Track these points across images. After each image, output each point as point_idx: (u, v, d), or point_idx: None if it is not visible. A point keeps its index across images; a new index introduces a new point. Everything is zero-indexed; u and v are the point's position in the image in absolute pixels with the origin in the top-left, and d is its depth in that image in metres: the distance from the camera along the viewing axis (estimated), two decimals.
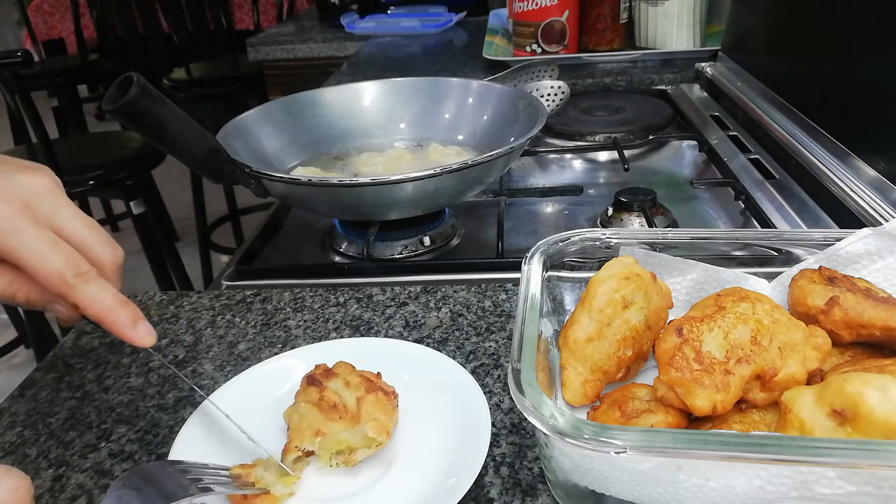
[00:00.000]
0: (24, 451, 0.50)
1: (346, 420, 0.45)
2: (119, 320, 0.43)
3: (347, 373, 0.47)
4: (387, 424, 0.45)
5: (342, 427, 0.44)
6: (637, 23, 1.43)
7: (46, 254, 0.42)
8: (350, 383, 0.46)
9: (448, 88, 0.92)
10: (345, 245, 0.78)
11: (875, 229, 0.49)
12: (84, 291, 0.42)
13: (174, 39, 2.74)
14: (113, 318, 0.43)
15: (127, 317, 0.43)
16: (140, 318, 0.44)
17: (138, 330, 0.44)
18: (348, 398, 0.45)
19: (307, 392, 0.46)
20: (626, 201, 0.77)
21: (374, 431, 0.44)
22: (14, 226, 0.42)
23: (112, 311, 0.43)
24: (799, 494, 0.33)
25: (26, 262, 0.42)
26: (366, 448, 0.44)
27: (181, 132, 0.61)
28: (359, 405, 0.45)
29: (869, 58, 0.74)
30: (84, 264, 0.43)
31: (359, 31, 1.94)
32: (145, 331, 0.44)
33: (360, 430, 0.44)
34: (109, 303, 0.43)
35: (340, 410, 0.45)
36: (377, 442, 0.44)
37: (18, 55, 1.56)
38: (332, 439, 0.44)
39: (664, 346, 0.41)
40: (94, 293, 0.43)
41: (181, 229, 2.83)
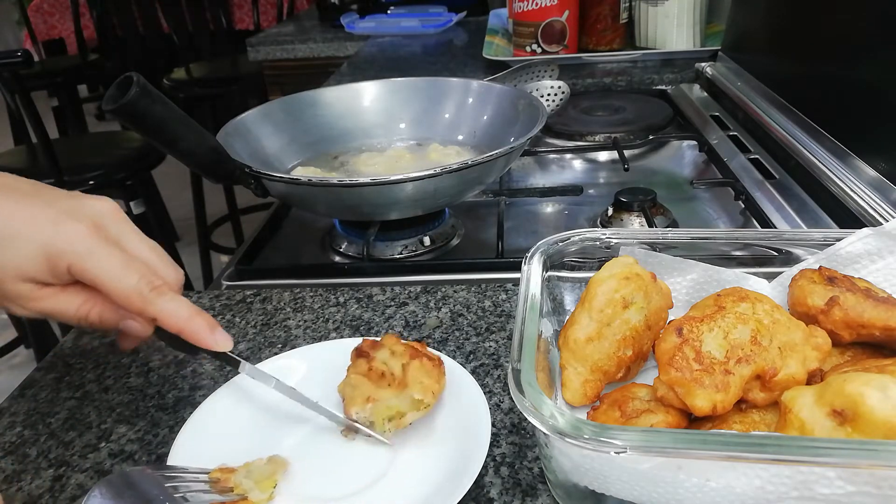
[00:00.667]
0: (24, 451, 0.50)
1: (395, 387, 0.46)
2: (198, 329, 0.45)
3: (393, 343, 0.49)
4: (432, 386, 0.46)
5: (391, 394, 0.46)
6: (637, 23, 1.43)
7: (121, 271, 0.44)
8: (395, 352, 0.48)
9: (448, 88, 0.92)
10: (345, 245, 0.78)
11: (875, 229, 0.49)
12: (161, 305, 0.44)
13: (174, 39, 2.74)
14: (192, 328, 0.45)
15: (205, 325, 0.45)
16: (216, 325, 0.46)
17: (217, 337, 0.46)
18: (395, 366, 0.47)
19: (357, 364, 0.48)
20: (626, 201, 0.77)
21: (420, 393, 0.45)
22: (88, 245, 0.44)
23: (190, 322, 0.45)
24: (799, 494, 0.33)
25: (102, 280, 0.43)
26: (415, 411, 0.46)
27: (181, 132, 0.61)
28: (405, 371, 0.46)
29: (869, 58, 0.74)
30: (157, 279, 0.45)
31: (359, 31, 1.94)
32: (223, 337, 0.46)
33: (407, 394, 0.46)
34: (186, 314, 0.45)
35: (388, 378, 0.47)
36: (425, 404, 0.45)
37: (18, 55, 1.56)
38: (383, 405, 0.46)
39: (664, 346, 0.41)
40: (171, 306, 0.45)
41: (181, 229, 2.82)
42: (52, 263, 0.43)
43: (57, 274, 0.44)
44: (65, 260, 0.43)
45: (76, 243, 0.43)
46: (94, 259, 0.43)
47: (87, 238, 0.44)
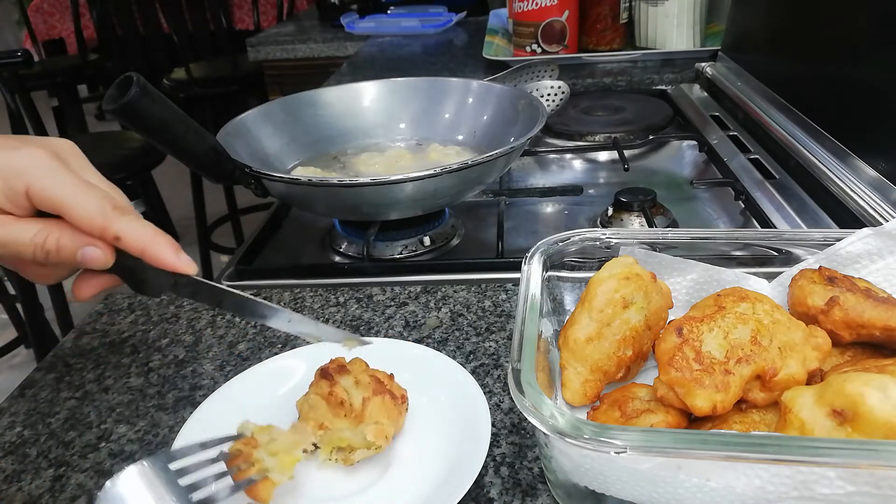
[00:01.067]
0: (24, 451, 0.50)
1: (350, 419, 0.45)
2: (162, 248, 0.43)
3: (360, 371, 0.47)
4: (387, 429, 0.45)
5: (345, 425, 0.45)
6: (637, 23, 1.43)
7: (82, 192, 0.42)
8: (360, 382, 0.46)
9: (448, 88, 0.92)
10: (345, 245, 0.78)
11: (875, 229, 0.49)
12: (125, 222, 0.43)
13: (174, 39, 2.74)
14: (156, 247, 0.43)
15: (169, 245, 0.44)
16: (179, 247, 0.44)
17: (181, 258, 0.44)
18: (355, 397, 0.45)
19: (319, 384, 0.47)
20: (626, 201, 0.77)
21: (372, 435, 0.44)
22: (48, 166, 0.42)
23: (154, 240, 0.43)
24: (799, 494, 0.33)
25: (62, 199, 0.42)
26: (364, 449, 0.44)
27: (181, 132, 0.61)
28: (364, 405, 0.45)
29: (869, 58, 0.74)
30: (120, 200, 0.44)
31: (359, 31, 1.94)
32: (187, 259, 0.44)
33: (361, 430, 0.44)
34: (150, 232, 0.43)
35: (346, 408, 0.45)
36: (375, 445, 0.44)
37: (18, 55, 1.56)
38: (335, 435, 0.44)
39: (664, 346, 0.41)
40: (135, 224, 0.43)
41: (181, 229, 2.82)
42: (10, 185, 0.42)
43: (13, 198, 0.42)
44: (23, 180, 0.42)
45: (36, 165, 0.42)
46: (54, 178, 0.42)
47: (47, 160, 0.43)
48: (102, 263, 0.44)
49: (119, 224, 0.43)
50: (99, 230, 0.43)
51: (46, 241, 0.43)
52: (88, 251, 0.43)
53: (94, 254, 0.43)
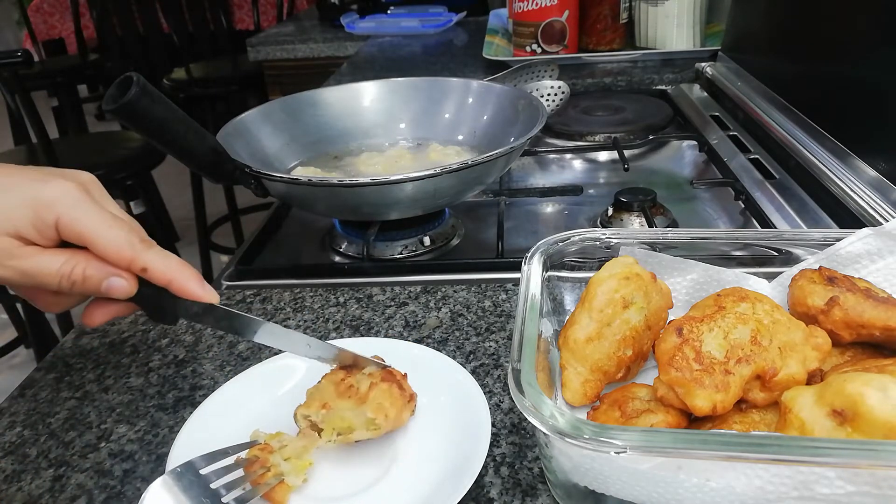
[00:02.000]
0: (24, 451, 0.50)
1: (354, 400, 0.46)
2: (188, 279, 0.45)
3: (375, 367, 0.49)
4: (387, 410, 0.45)
5: (348, 406, 0.45)
6: (637, 23, 1.43)
7: (110, 224, 0.44)
8: (373, 374, 0.47)
9: (448, 88, 0.92)
10: (345, 245, 0.78)
11: (875, 229, 0.49)
12: (152, 254, 0.45)
13: (174, 39, 2.74)
14: (182, 279, 0.45)
15: (194, 276, 0.46)
16: (202, 278, 0.46)
17: (206, 288, 0.46)
18: (363, 383, 0.47)
19: (335, 373, 0.48)
20: (626, 201, 0.77)
21: (372, 412, 0.44)
22: (77, 198, 0.44)
23: (180, 272, 0.45)
24: (799, 494, 0.33)
25: (91, 231, 0.44)
26: (364, 430, 0.45)
27: (181, 132, 0.61)
28: (369, 390, 0.46)
29: (869, 58, 0.74)
30: (144, 234, 0.46)
31: (359, 31, 1.94)
32: (211, 289, 0.47)
33: (362, 410, 0.45)
34: (175, 264, 0.45)
35: (352, 392, 0.46)
36: (375, 424, 0.44)
37: (18, 55, 1.56)
38: (336, 414, 0.45)
39: (664, 346, 0.41)
40: (161, 256, 0.45)
41: (181, 229, 2.82)
42: (39, 216, 0.43)
43: (42, 228, 0.43)
44: (53, 212, 0.43)
45: (65, 196, 0.44)
46: (82, 210, 0.44)
47: (76, 192, 0.44)
48: (126, 293, 0.45)
49: (146, 256, 0.44)
50: (127, 262, 0.44)
51: (73, 271, 0.44)
52: (114, 281, 0.45)
53: (119, 284, 0.45)
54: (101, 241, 0.44)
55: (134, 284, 0.45)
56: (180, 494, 0.40)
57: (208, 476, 0.41)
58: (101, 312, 0.48)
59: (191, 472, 0.41)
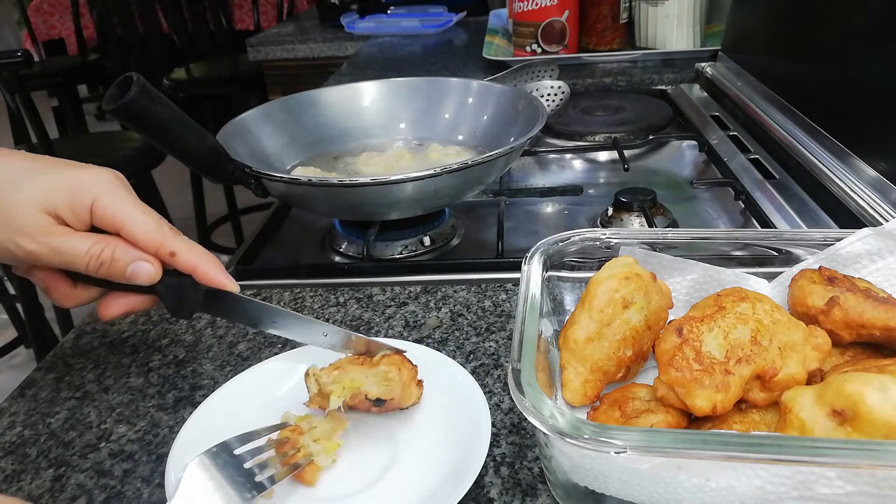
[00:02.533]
0: (24, 451, 0.50)
1: (367, 365, 0.47)
2: (212, 266, 0.48)
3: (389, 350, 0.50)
4: (401, 370, 0.46)
5: (360, 370, 0.47)
6: (637, 23, 1.43)
7: (143, 209, 0.47)
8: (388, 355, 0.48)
9: (448, 88, 0.92)
10: (345, 245, 0.78)
11: (875, 229, 0.49)
12: (181, 240, 0.47)
13: (174, 39, 2.74)
14: (206, 265, 0.48)
15: (218, 264, 0.48)
16: (224, 268, 0.49)
17: (228, 277, 0.49)
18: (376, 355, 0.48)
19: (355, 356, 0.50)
20: (626, 201, 0.77)
21: (386, 366, 0.46)
22: (113, 185, 0.47)
23: (206, 259, 0.48)
24: (799, 494, 0.33)
25: (125, 216, 0.46)
26: (375, 387, 0.46)
27: (181, 132, 0.61)
28: (381, 359, 0.47)
29: (869, 58, 0.74)
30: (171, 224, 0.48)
31: (359, 31, 1.94)
32: (232, 279, 0.49)
33: (374, 372, 0.46)
34: (201, 251, 0.48)
35: (364, 360, 0.48)
36: (387, 378, 0.46)
37: (18, 55, 1.56)
38: (347, 376, 0.46)
39: (664, 346, 0.41)
40: (188, 243, 0.48)
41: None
42: (76, 197, 0.45)
43: (78, 211, 0.45)
44: (90, 194, 0.45)
45: (102, 182, 0.46)
46: (117, 197, 0.46)
47: (112, 180, 0.47)
48: (150, 278, 0.47)
49: (175, 241, 0.47)
50: (156, 246, 0.47)
51: (103, 252, 0.46)
52: (140, 265, 0.47)
53: (145, 268, 0.47)
54: (134, 224, 0.46)
55: (159, 270, 0.47)
56: (217, 473, 0.41)
57: (242, 456, 0.43)
58: (118, 304, 0.49)
59: (226, 452, 0.43)
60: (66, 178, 0.46)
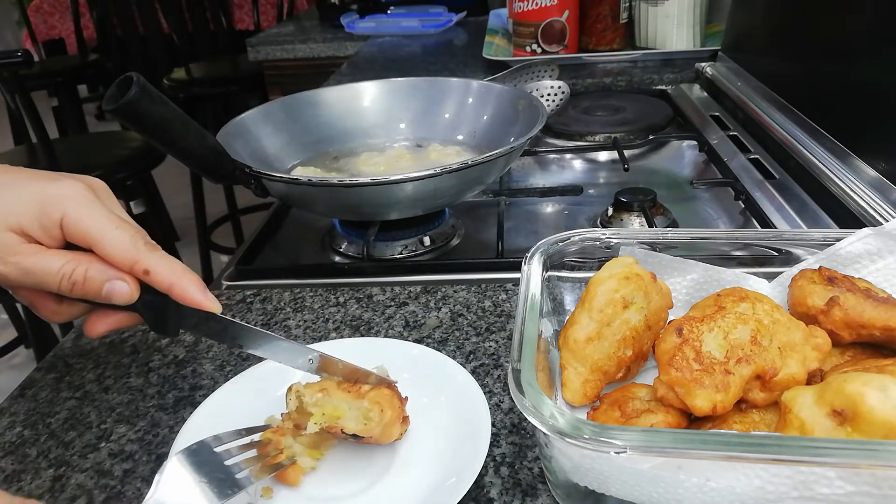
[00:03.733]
0: (24, 451, 0.50)
1: (353, 394, 0.46)
2: (190, 285, 0.44)
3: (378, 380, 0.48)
4: (384, 410, 0.45)
5: (346, 398, 0.45)
6: (637, 23, 1.43)
7: (117, 223, 0.43)
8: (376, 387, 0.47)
9: (448, 88, 0.92)
10: (345, 245, 0.78)
11: (875, 229, 0.49)
12: (156, 257, 0.44)
13: (174, 39, 2.74)
14: (184, 284, 0.44)
15: (197, 283, 0.44)
16: (205, 286, 0.45)
17: (208, 296, 0.45)
18: (365, 386, 0.47)
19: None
20: (626, 201, 0.77)
21: (370, 403, 0.44)
22: (84, 198, 0.43)
23: (183, 276, 0.44)
24: (799, 494, 0.33)
25: (96, 231, 0.43)
26: (354, 421, 0.44)
27: (181, 132, 0.61)
28: (370, 390, 0.46)
29: (869, 58, 0.74)
30: (149, 238, 0.45)
31: (359, 31, 1.94)
32: (213, 298, 0.45)
33: (357, 405, 0.45)
34: (179, 268, 0.44)
35: (354, 388, 0.46)
36: (368, 417, 0.44)
37: (18, 55, 1.56)
38: (330, 402, 0.45)
39: (664, 346, 0.41)
40: (165, 260, 0.44)
41: (181, 229, 2.82)
42: (45, 212, 0.42)
43: (48, 226, 0.43)
44: (60, 209, 0.42)
45: (73, 196, 0.43)
46: (89, 210, 0.43)
47: (83, 192, 0.44)
48: (127, 298, 0.44)
49: (150, 258, 0.43)
50: (130, 263, 0.43)
51: (75, 271, 0.43)
52: (116, 285, 0.44)
53: (121, 287, 0.44)
54: (105, 240, 0.43)
55: (136, 289, 0.44)
56: (196, 470, 0.40)
57: (222, 454, 0.42)
58: (103, 322, 0.47)
59: (205, 450, 0.42)
60: (33, 193, 0.43)
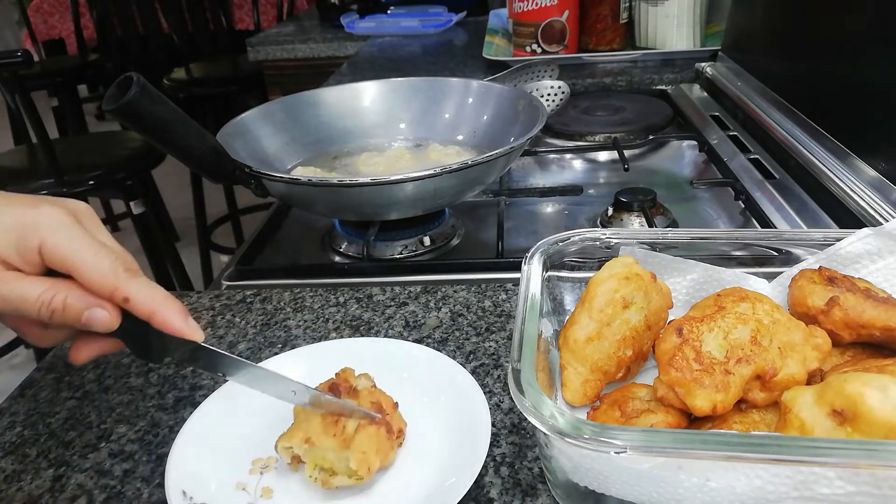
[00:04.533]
0: (24, 451, 0.50)
1: (339, 440, 0.44)
2: (171, 313, 0.43)
3: (367, 394, 0.46)
4: (371, 461, 0.43)
5: (331, 445, 0.43)
6: (637, 23, 1.43)
7: (95, 252, 0.42)
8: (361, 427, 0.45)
9: (448, 88, 0.92)
10: (345, 245, 0.78)
11: (875, 229, 0.49)
12: (136, 284, 0.42)
13: (174, 39, 2.74)
14: (164, 311, 0.43)
15: (178, 310, 0.43)
16: (188, 312, 0.44)
17: (190, 323, 0.44)
18: (351, 421, 0.45)
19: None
20: (626, 201, 0.77)
21: (355, 464, 0.42)
22: (63, 224, 0.42)
23: (164, 304, 0.43)
24: (799, 494, 0.33)
25: (75, 258, 0.42)
26: (345, 476, 0.43)
27: (181, 132, 0.61)
28: (356, 432, 0.44)
29: (869, 58, 0.74)
30: (132, 264, 0.43)
31: (359, 31, 1.94)
32: (195, 325, 0.44)
33: (345, 456, 0.43)
34: (160, 297, 0.43)
35: (338, 429, 0.44)
36: (357, 475, 0.43)
37: (18, 55, 1.56)
38: (319, 454, 0.43)
39: (664, 346, 0.41)
40: (146, 287, 0.43)
41: (181, 229, 2.82)
42: (23, 239, 0.41)
43: (25, 253, 0.42)
44: (38, 236, 0.41)
45: (52, 222, 0.42)
46: (68, 236, 0.42)
47: (63, 218, 0.42)
48: (107, 326, 0.43)
49: (130, 286, 0.42)
50: (109, 290, 0.42)
51: (53, 299, 0.42)
52: (96, 312, 0.42)
53: (101, 315, 0.42)
54: (84, 267, 0.42)
55: (116, 317, 0.43)
56: None
57: None
58: (88, 349, 0.45)
59: None
60: (11, 219, 0.41)
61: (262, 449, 0.46)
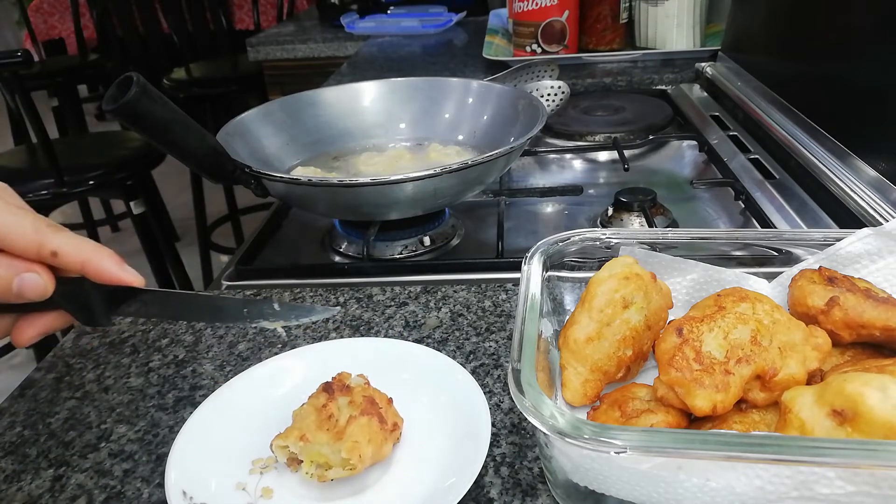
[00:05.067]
0: (24, 451, 0.50)
1: (332, 433, 0.44)
2: (104, 259, 0.40)
3: (360, 390, 0.47)
4: (363, 450, 0.43)
5: (325, 439, 0.44)
6: (637, 23, 1.43)
7: (16, 212, 0.40)
8: (355, 402, 0.45)
9: (448, 88, 0.92)
10: (345, 245, 0.78)
11: (875, 229, 0.49)
12: (63, 237, 0.40)
13: (174, 39, 2.74)
14: (98, 260, 0.40)
15: (111, 257, 0.41)
16: (122, 259, 0.41)
17: (126, 269, 0.41)
18: (343, 415, 0.45)
19: (318, 396, 0.47)
20: (626, 201, 0.77)
21: (346, 452, 0.42)
22: None
23: (95, 252, 0.40)
24: (799, 494, 0.33)
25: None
26: (339, 468, 0.43)
27: (181, 132, 0.61)
28: (347, 424, 0.44)
29: (869, 58, 0.74)
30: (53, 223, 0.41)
31: (359, 31, 1.94)
32: (132, 270, 0.41)
33: (337, 447, 0.43)
34: (90, 246, 0.41)
35: (332, 423, 0.44)
36: (350, 464, 0.43)
37: (18, 55, 1.56)
38: (314, 449, 0.44)
39: (664, 346, 0.41)
40: (72, 239, 0.40)
41: (181, 229, 2.82)
42: None
43: None
44: None
45: None
46: None
47: None
48: (41, 290, 0.40)
49: (55, 239, 0.40)
50: (35, 248, 0.40)
51: None
52: (26, 277, 0.40)
53: (33, 279, 0.40)
54: (5, 229, 0.39)
55: (50, 280, 0.40)
56: None
57: None
58: (31, 327, 0.43)
59: None
60: None
61: (262, 449, 0.46)
